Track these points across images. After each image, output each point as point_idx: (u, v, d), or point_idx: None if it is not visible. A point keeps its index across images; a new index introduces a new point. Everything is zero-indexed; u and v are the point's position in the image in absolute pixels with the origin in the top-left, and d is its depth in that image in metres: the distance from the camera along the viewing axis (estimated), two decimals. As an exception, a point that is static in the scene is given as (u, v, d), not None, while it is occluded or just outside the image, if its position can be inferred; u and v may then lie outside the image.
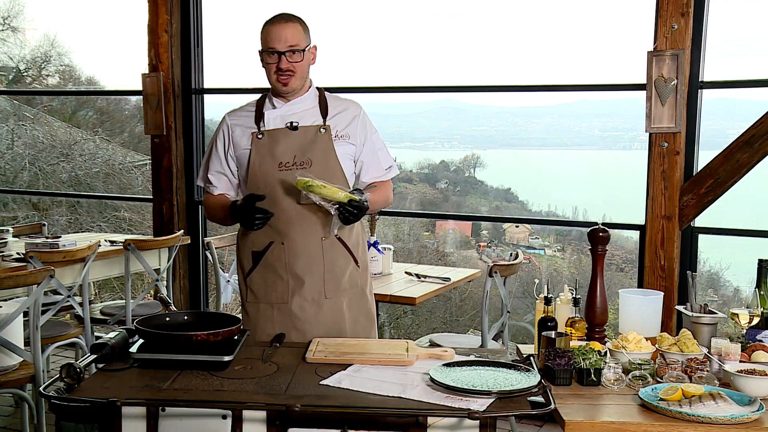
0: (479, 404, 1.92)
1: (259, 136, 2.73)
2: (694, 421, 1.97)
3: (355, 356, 2.30)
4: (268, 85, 2.77)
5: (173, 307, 2.64)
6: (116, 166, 11.62)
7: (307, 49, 2.71)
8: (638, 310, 2.64)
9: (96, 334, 4.55)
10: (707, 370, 2.27)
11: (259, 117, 2.77)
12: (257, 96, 2.86)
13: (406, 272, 4.32)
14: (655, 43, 4.09)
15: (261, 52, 2.72)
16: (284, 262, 2.72)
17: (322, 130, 2.73)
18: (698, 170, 4.12)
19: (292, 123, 2.74)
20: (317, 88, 2.83)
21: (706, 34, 4.10)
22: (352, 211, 2.54)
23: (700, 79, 4.11)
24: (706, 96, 4.15)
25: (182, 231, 4.97)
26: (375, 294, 3.81)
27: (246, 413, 1.95)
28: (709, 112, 4.22)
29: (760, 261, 2.62)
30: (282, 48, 2.65)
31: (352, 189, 2.67)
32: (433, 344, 4.02)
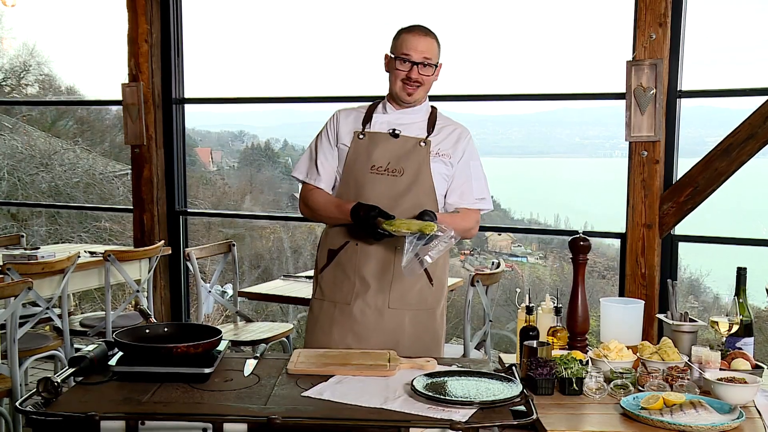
0: (461, 415, 1.92)
1: (360, 137, 2.75)
2: (675, 430, 1.97)
3: (336, 367, 2.29)
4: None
5: (153, 319, 2.61)
6: (97, 176, 11.54)
7: (437, 65, 2.72)
8: (619, 319, 2.65)
9: (76, 346, 4.50)
10: (688, 379, 2.28)
11: (367, 119, 2.78)
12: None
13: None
14: (633, 52, 4.13)
15: (391, 58, 2.71)
16: (354, 263, 2.71)
17: (422, 143, 2.72)
18: (678, 178, 4.15)
19: (394, 130, 2.74)
20: (431, 105, 2.82)
21: (684, 44, 4.14)
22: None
23: (678, 88, 4.14)
24: (685, 104, 4.19)
25: (163, 242, 4.94)
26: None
27: (227, 426, 1.94)
28: (688, 120, 4.26)
29: (739, 269, 2.63)
30: (417, 58, 2.66)
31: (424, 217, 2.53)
32: (415, 354, 4.00)
